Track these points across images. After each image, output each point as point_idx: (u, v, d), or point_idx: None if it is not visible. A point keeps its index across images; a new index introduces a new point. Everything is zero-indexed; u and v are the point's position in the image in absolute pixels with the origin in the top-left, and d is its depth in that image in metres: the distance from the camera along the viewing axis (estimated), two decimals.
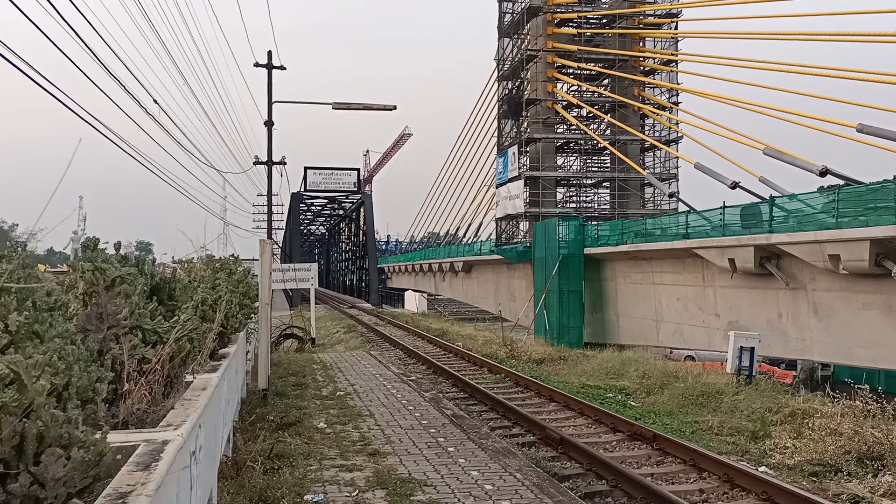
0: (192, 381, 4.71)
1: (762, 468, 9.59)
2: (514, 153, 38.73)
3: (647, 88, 38.35)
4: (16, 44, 6.76)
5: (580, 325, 28.24)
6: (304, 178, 63.63)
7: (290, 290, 42.63)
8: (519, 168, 38.21)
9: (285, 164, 25.01)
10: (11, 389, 2.07)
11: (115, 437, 2.93)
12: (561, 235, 28.74)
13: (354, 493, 6.70)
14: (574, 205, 42.25)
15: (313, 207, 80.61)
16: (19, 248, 2.89)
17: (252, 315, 10.28)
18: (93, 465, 2.26)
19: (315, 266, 27.08)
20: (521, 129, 39.75)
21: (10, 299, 2.36)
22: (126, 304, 4.18)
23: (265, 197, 26.43)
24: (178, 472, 2.99)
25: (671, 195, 34.95)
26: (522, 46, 39.37)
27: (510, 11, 41.25)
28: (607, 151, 38.73)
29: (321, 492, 6.73)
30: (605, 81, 39.44)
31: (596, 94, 39.42)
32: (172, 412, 3.74)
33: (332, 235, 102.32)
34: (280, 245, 61.67)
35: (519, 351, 21.20)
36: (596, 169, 42.55)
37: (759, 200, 22.05)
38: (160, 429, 3.36)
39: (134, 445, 2.91)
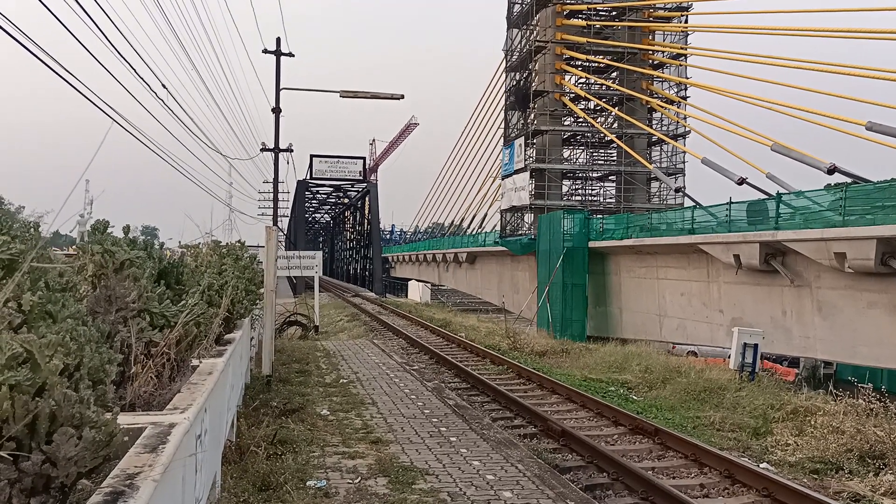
0: (198, 366, 4.73)
1: (763, 464, 9.60)
2: (520, 145, 38.63)
3: (655, 82, 38.15)
4: (27, 25, 6.75)
5: (583, 319, 28.24)
6: (310, 165, 63.52)
7: (294, 277, 42.71)
8: (525, 160, 38.11)
9: (292, 151, 25.06)
10: (25, 368, 2.08)
11: (123, 419, 2.94)
12: (566, 228, 28.68)
13: (357, 480, 6.73)
14: (579, 198, 42.11)
15: (319, 195, 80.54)
16: (32, 229, 2.90)
17: (257, 301, 10.31)
18: (103, 446, 2.28)
19: (319, 254, 27.18)
20: (528, 120, 39.62)
21: (23, 279, 2.37)
22: (135, 287, 4.19)
23: (271, 184, 26.46)
24: (185, 455, 3.00)
25: (677, 190, 34.86)
26: (531, 37, 39.18)
27: (519, 2, 41.00)
28: (614, 145, 38.61)
29: (324, 478, 6.76)
30: (614, 74, 39.26)
31: (604, 87, 39.25)
32: (179, 396, 3.76)
33: (337, 224, 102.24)
34: (285, 232, 61.69)
35: (522, 343, 21.23)
36: (602, 162, 42.40)
37: (765, 197, 21.97)
38: (167, 412, 3.38)
39: (141, 428, 2.93)
